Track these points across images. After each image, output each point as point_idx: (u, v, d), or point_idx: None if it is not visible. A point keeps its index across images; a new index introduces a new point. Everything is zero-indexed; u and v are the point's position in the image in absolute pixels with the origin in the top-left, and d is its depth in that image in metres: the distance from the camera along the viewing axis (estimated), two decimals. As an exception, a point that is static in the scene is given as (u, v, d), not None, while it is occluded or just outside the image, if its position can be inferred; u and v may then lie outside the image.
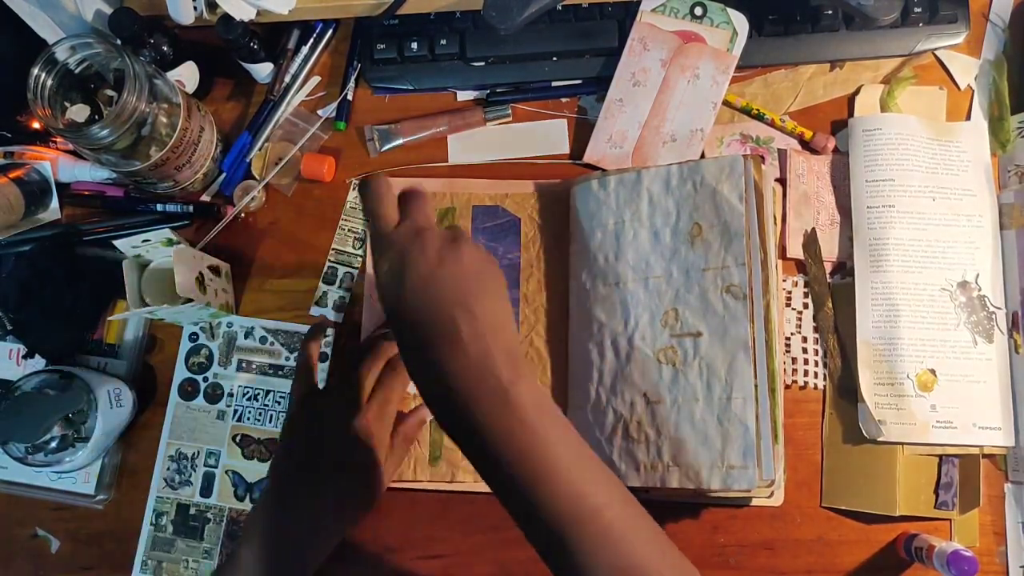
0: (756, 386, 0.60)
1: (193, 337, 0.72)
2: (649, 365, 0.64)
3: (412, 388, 0.69)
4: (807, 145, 0.71)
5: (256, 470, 0.69)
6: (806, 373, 0.68)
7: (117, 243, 0.65)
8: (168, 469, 0.70)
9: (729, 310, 0.62)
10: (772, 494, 0.63)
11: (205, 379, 0.71)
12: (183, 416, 0.70)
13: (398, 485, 0.68)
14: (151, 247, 0.66)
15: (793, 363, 0.68)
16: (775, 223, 0.68)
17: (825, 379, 0.68)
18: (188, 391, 0.71)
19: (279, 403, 0.70)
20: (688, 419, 0.62)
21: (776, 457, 0.60)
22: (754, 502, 0.66)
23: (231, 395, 0.71)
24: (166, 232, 0.66)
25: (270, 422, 0.70)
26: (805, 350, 0.68)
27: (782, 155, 0.71)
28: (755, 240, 0.63)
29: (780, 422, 0.61)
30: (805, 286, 0.69)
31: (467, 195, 0.72)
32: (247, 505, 0.69)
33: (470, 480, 0.67)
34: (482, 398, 0.46)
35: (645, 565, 0.46)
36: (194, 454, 0.70)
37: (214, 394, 0.71)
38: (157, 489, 0.70)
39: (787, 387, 0.68)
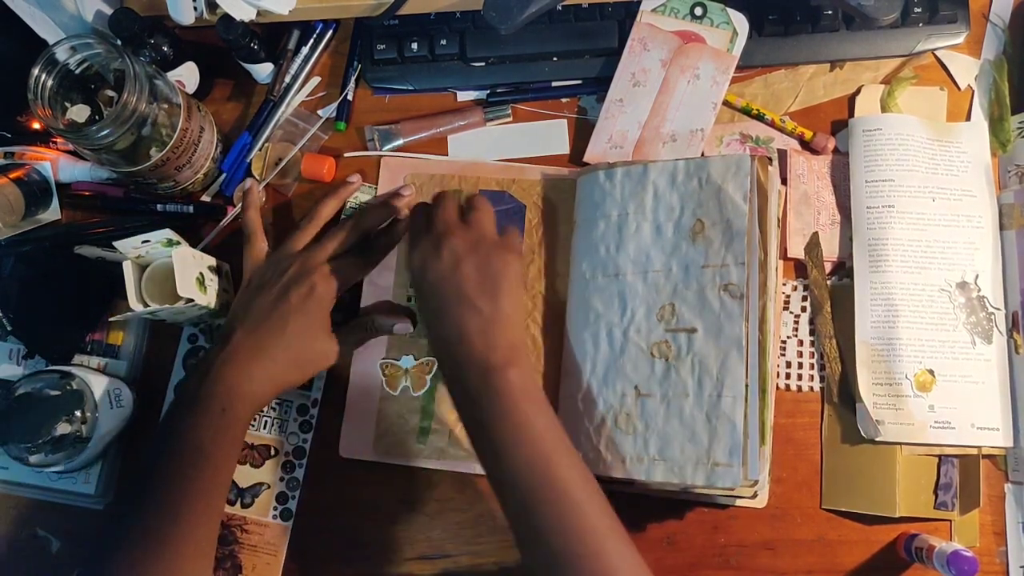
0: (747, 386, 0.60)
1: (192, 338, 0.72)
2: (642, 358, 0.64)
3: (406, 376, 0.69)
4: (807, 145, 0.71)
5: (248, 475, 0.69)
6: (800, 377, 0.68)
7: (117, 244, 0.65)
8: (163, 469, 0.69)
9: (725, 308, 0.62)
10: (756, 495, 0.62)
11: (204, 380, 0.71)
12: (181, 417, 0.70)
13: (391, 461, 0.68)
14: (151, 247, 0.66)
15: (788, 367, 0.68)
16: (778, 225, 0.68)
17: (821, 382, 0.68)
18: (186, 392, 0.71)
19: (274, 409, 0.70)
20: (677, 414, 0.62)
21: (762, 458, 0.60)
22: (746, 503, 0.65)
23: (228, 398, 0.70)
24: (166, 232, 0.66)
25: (264, 428, 0.70)
26: (800, 354, 0.68)
27: (782, 155, 0.71)
28: (755, 240, 0.63)
29: (769, 424, 0.61)
30: (804, 289, 0.69)
31: (475, 178, 0.72)
32: (237, 509, 0.69)
33: (461, 458, 0.67)
34: (474, 377, 0.57)
35: (598, 529, 0.53)
36: (190, 455, 0.70)
37: (212, 395, 0.70)
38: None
39: (786, 390, 0.68)
